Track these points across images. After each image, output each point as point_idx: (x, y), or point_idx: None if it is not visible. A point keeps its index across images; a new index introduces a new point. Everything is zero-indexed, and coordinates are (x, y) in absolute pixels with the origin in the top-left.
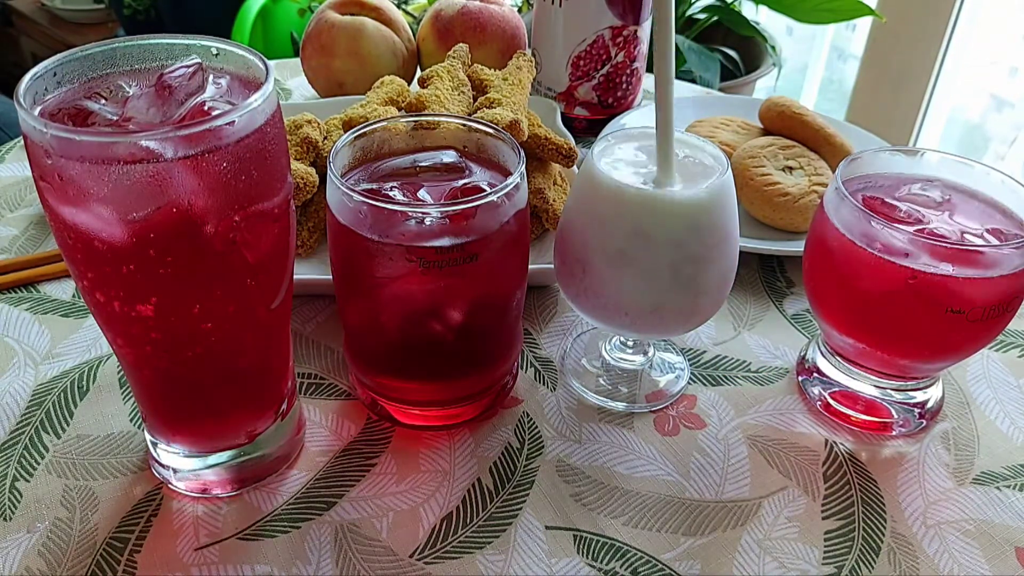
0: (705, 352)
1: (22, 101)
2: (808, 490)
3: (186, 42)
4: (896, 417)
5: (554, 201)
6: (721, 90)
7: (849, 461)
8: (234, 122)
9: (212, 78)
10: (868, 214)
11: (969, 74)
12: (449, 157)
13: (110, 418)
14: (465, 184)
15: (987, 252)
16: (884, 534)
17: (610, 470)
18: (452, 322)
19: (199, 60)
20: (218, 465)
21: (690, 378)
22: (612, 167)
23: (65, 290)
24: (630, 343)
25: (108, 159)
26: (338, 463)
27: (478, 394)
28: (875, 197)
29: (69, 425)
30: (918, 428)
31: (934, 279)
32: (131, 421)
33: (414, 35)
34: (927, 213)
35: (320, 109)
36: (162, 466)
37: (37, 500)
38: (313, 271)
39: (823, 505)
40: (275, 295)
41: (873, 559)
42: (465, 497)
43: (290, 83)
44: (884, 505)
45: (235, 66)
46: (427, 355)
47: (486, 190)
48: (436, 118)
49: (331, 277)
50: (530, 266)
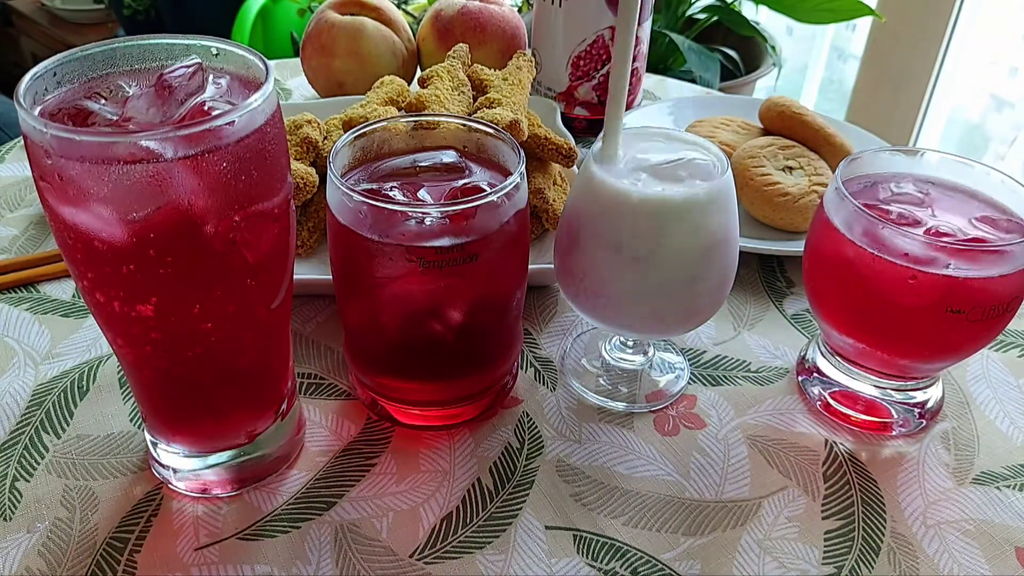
0: (705, 352)
1: (22, 101)
2: (808, 490)
3: (186, 42)
4: (896, 417)
5: (554, 201)
6: (721, 90)
7: (849, 461)
8: (234, 122)
9: (212, 78)
10: (868, 214)
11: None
12: (449, 157)
13: (110, 418)
14: (465, 184)
15: (987, 252)
16: (884, 534)
17: (610, 470)
18: (452, 322)
19: (199, 60)
20: (218, 465)
21: (690, 378)
22: (612, 167)
23: (65, 290)
24: (630, 343)
25: (108, 159)
26: (338, 463)
27: (478, 394)
28: (869, 204)
29: (69, 425)
30: (918, 428)
31: (934, 279)
32: (131, 421)
33: (414, 35)
34: (913, 210)
35: (320, 109)
36: (162, 466)
37: (37, 500)
38: (313, 271)
39: (823, 505)
40: (275, 295)
41: (873, 559)
42: (465, 497)
43: (290, 83)
44: (884, 505)
45: (235, 66)
46: (427, 355)
47: (486, 190)
48: (436, 118)
49: (331, 277)
50: (530, 266)
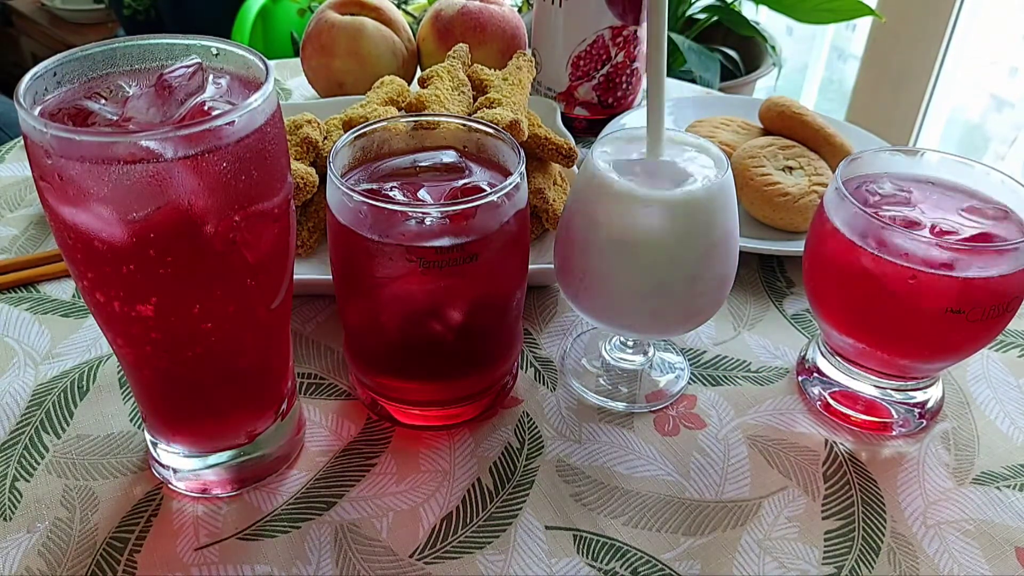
0: (705, 352)
1: (22, 101)
2: (808, 490)
3: (186, 42)
4: (896, 417)
5: (554, 201)
6: (721, 90)
7: (849, 461)
8: (234, 122)
9: (212, 78)
10: (869, 214)
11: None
12: (449, 157)
13: (110, 418)
14: (465, 184)
15: (988, 252)
16: (884, 534)
17: (610, 470)
18: (452, 322)
19: (199, 60)
20: (218, 465)
21: (690, 378)
22: (612, 167)
23: (65, 290)
24: (630, 343)
25: (108, 159)
26: (338, 463)
27: (478, 394)
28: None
29: (69, 425)
30: (918, 428)
31: (934, 279)
32: (131, 421)
33: (414, 35)
34: (903, 210)
35: (320, 109)
36: (162, 466)
37: (37, 500)
38: (313, 271)
39: (823, 505)
40: (275, 295)
41: (873, 559)
42: (465, 497)
43: (290, 83)
44: (884, 505)
45: (235, 66)
46: (427, 355)
47: (486, 190)
48: (436, 118)
49: (331, 277)
50: (530, 266)
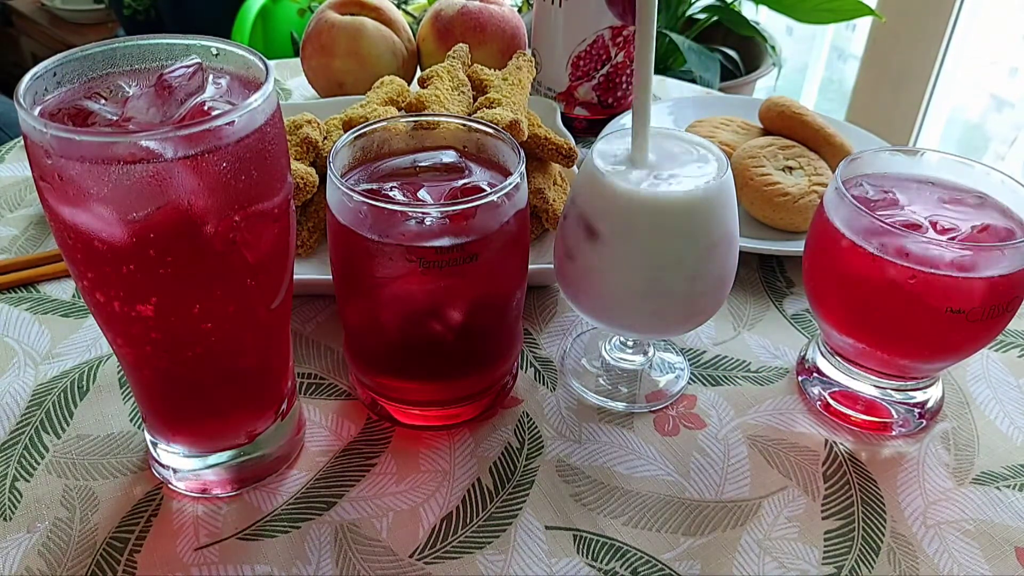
0: (705, 352)
1: (22, 101)
2: (808, 490)
3: (186, 42)
4: (896, 417)
5: (554, 201)
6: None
7: (849, 461)
8: (234, 122)
9: (212, 78)
10: (869, 214)
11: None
12: (449, 157)
13: (110, 418)
14: (465, 184)
15: (987, 252)
16: (884, 534)
17: (610, 470)
18: (452, 322)
19: (199, 60)
20: (218, 465)
21: (690, 378)
22: (612, 167)
23: (65, 290)
24: (630, 343)
25: (108, 159)
26: (338, 463)
27: (478, 394)
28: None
29: (69, 425)
30: (918, 428)
31: (934, 279)
32: (131, 421)
33: (414, 35)
34: (892, 210)
35: (320, 109)
36: (162, 466)
37: (37, 500)
38: (313, 271)
39: (823, 505)
40: (275, 295)
41: (873, 559)
42: (465, 497)
43: (290, 83)
44: (884, 505)
45: (235, 66)
46: (427, 355)
47: (486, 190)
48: (436, 118)
49: (331, 277)
50: (530, 266)
